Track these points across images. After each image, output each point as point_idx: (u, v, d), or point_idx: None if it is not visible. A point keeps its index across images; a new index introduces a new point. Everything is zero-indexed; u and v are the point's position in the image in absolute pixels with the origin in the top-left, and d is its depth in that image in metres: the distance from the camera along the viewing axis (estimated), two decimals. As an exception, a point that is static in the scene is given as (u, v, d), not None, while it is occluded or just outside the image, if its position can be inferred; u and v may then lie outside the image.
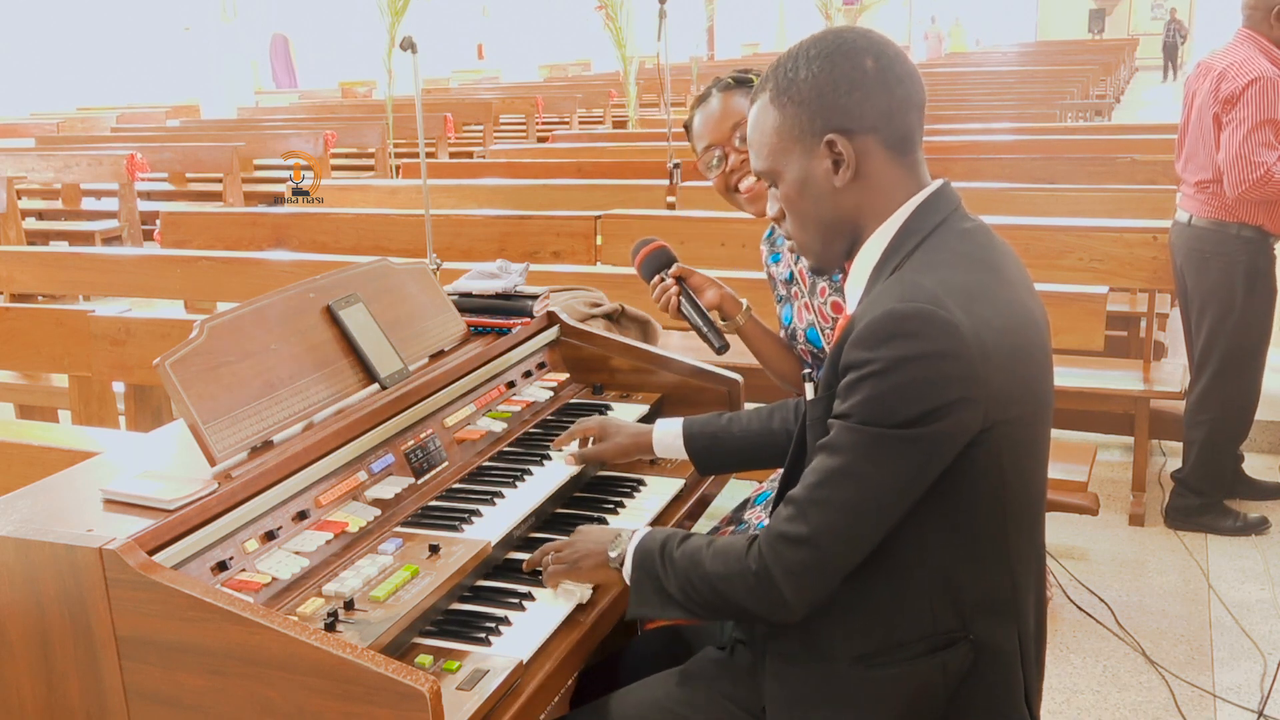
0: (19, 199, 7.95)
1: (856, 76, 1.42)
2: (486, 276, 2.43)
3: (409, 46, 2.93)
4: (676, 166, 5.58)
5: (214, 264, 4.61)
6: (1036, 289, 1.53)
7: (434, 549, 1.66)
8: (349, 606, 1.51)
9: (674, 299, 2.23)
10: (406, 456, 1.88)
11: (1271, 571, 3.47)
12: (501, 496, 1.86)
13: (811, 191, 1.47)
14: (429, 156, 7.73)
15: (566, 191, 5.76)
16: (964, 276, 1.38)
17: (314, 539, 1.62)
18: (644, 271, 2.30)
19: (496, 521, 1.79)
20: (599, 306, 2.88)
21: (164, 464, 1.67)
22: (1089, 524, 3.72)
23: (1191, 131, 3.65)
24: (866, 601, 1.45)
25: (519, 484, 1.92)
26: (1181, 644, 3.10)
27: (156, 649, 1.39)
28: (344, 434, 1.77)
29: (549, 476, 1.97)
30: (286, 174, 3.95)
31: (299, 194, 3.82)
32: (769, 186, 1.53)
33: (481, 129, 11.62)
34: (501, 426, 2.11)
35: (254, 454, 1.66)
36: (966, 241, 1.44)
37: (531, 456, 2.04)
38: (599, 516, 1.92)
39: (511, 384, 2.26)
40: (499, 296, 2.38)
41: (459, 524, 1.76)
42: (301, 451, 1.68)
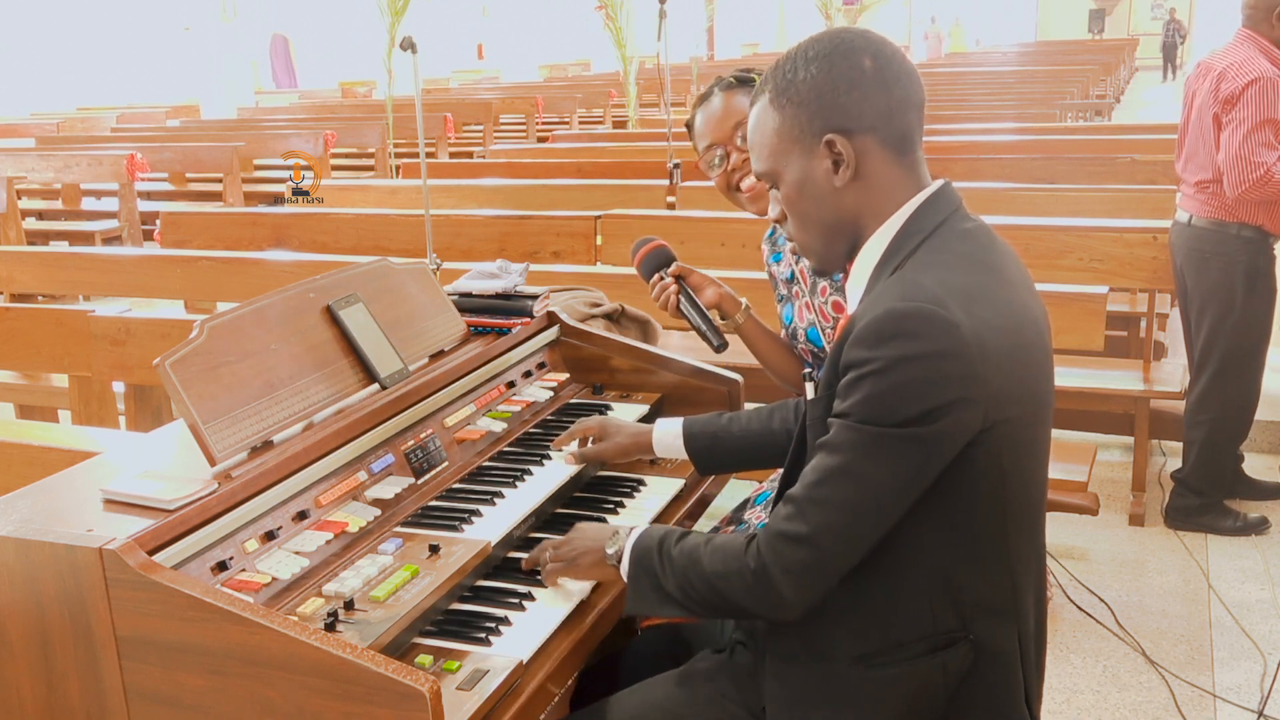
0: (19, 199, 7.95)
1: (855, 76, 1.42)
2: (486, 276, 2.43)
3: (409, 46, 2.93)
4: (676, 166, 5.57)
5: (214, 264, 4.61)
6: (1037, 289, 1.53)
7: (434, 549, 1.66)
8: (349, 606, 1.51)
9: (673, 298, 2.23)
10: (406, 456, 1.88)
11: (1271, 571, 3.47)
12: (501, 496, 1.87)
13: (812, 192, 1.47)
14: (429, 156, 7.73)
15: (566, 191, 5.76)
16: (964, 277, 1.38)
17: (314, 539, 1.62)
18: (643, 271, 2.30)
19: (496, 521, 1.79)
20: (599, 306, 2.88)
21: (164, 464, 1.67)
22: (1089, 524, 3.72)
23: (1191, 131, 3.65)
24: (866, 601, 1.45)
25: (519, 484, 1.92)
26: (1181, 644, 3.10)
27: (156, 649, 1.39)
28: (344, 434, 1.77)
29: (549, 476, 1.97)
30: (286, 174, 3.95)
31: (299, 194, 3.81)
32: (770, 188, 1.53)
33: (481, 129, 11.62)
34: (501, 426, 2.11)
35: (254, 454, 1.66)
36: (967, 242, 1.44)
37: (531, 456, 2.04)
38: (599, 516, 1.92)
39: (511, 384, 2.26)
40: (499, 296, 2.38)
41: (459, 524, 1.76)
42: (301, 451, 1.68)
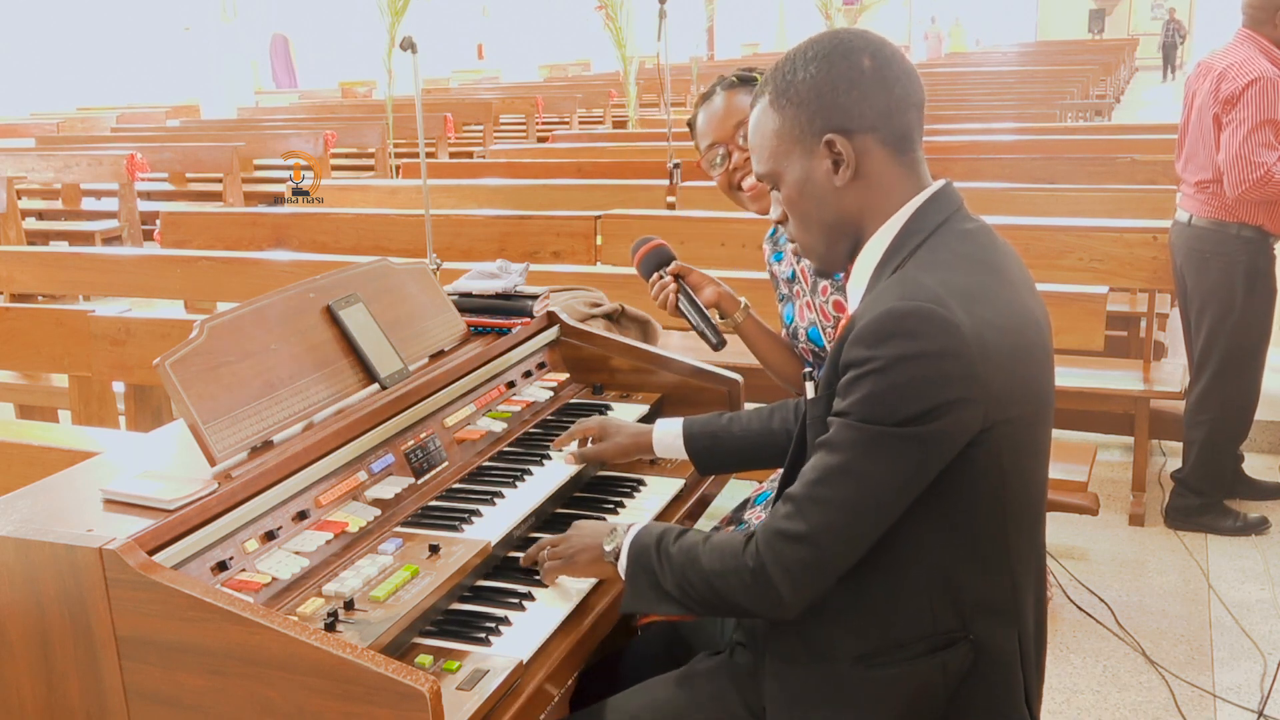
0: (19, 199, 7.95)
1: (854, 76, 1.42)
2: (486, 276, 2.43)
3: (409, 46, 2.92)
4: (676, 166, 5.57)
5: (214, 264, 4.61)
6: (1038, 289, 1.53)
7: (434, 549, 1.66)
8: (349, 606, 1.51)
9: (672, 296, 2.24)
10: (406, 456, 1.88)
11: (1271, 571, 3.47)
12: (501, 496, 1.86)
13: (813, 192, 1.47)
14: (429, 156, 7.73)
15: (566, 191, 5.76)
16: (965, 277, 1.38)
17: (314, 539, 1.62)
18: (643, 270, 2.30)
19: (496, 521, 1.79)
20: (599, 306, 2.88)
21: (164, 464, 1.67)
22: (1089, 524, 3.72)
23: (1191, 132, 3.65)
24: (866, 601, 1.45)
25: (519, 484, 1.92)
26: (1181, 644, 3.10)
27: (156, 649, 1.39)
28: (344, 434, 1.77)
29: (549, 476, 1.97)
30: (286, 174, 3.95)
31: (299, 194, 3.81)
32: (771, 189, 1.53)
33: (481, 129, 11.62)
34: (501, 426, 2.11)
35: (254, 454, 1.66)
36: (968, 242, 1.44)
37: (531, 456, 2.04)
38: (599, 516, 1.92)
39: (511, 384, 2.26)
40: (499, 296, 2.38)
41: (459, 524, 1.76)
42: (301, 451, 1.68)
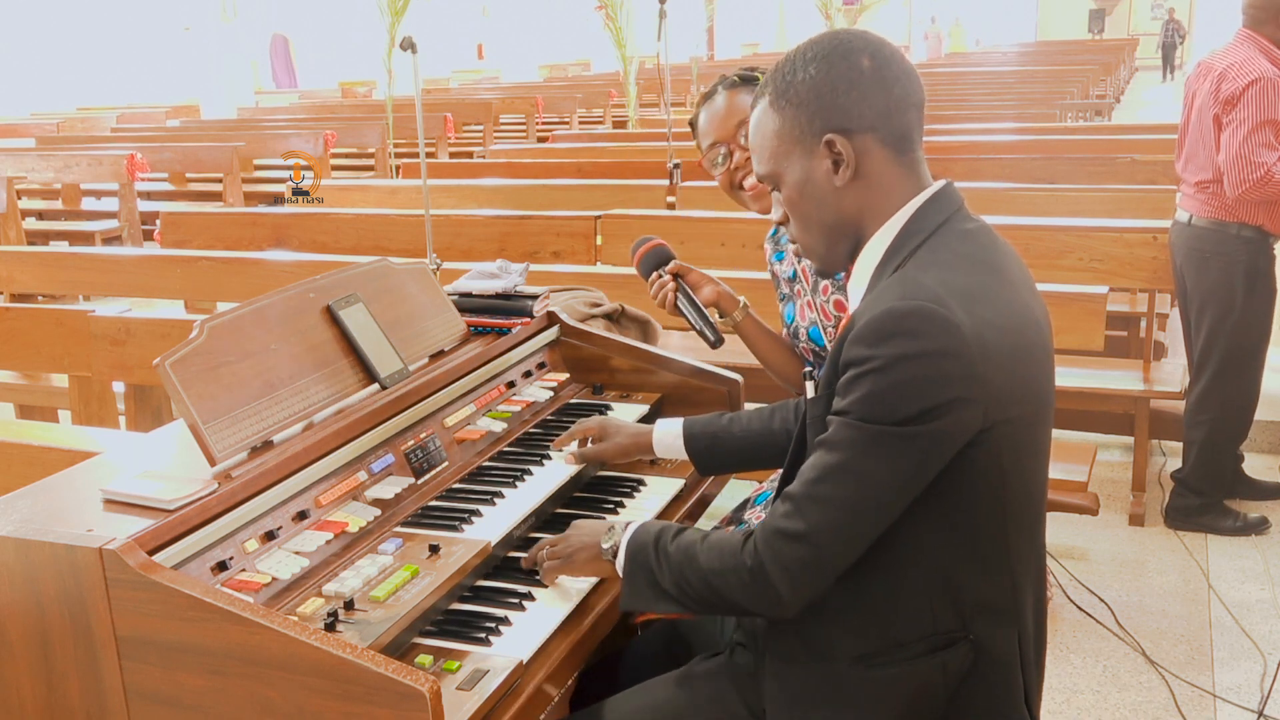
0: (19, 199, 7.95)
1: (853, 76, 1.43)
2: (486, 276, 2.43)
3: (409, 46, 2.92)
4: (676, 166, 5.57)
5: (214, 264, 4.61)
6: (1039, 290, 1.53)
7: (434, 549, 1.66)
8: (349, 606, 1.51)
9: (670, 295, 2.24)
10: (406, 456, 1.88)
11: (1271, 571, 3.47)
12: (501, 496, 1.87)
13: (813, 193, 1.47)
14: (429, 156, 7.73)
15: (566, 191, 5.76)
16: (965, 277, 1.38)
17: (314, 539, 1.62)
18: (642, 269, 2.31)
19: (496, 521, 1.79)
20: (599, 306, 2.88)
21: (164, 464, 1.67)
22: (1089, 524, 3.72)
23: (1192, 132, 3.65)
24: (866, 601, 1.45)
25: (519, 484, 1.92)
26: (1181, 644, 3.10)
27: (156, 649, 1.39)
28: (344, 434, 1.77)
29: (549, 476, 1.97)
30: (286, 174, 3.95)
31: (299, 194, 3.81)
32: (772, 190, 1.54)
33: (481, 129, 11.62)
34: (501, 426, 2.11)
35: (254, 454, 1.66)
36: (968, 242, 1.44)
37: (531, 456, 2.04)
38: (599, 516, 1.92)
39: (511, 384, 2.26)
40: (499, 296, 2.38)
41: (459, 524, 1.76)
42: (301, 451, 1.68)
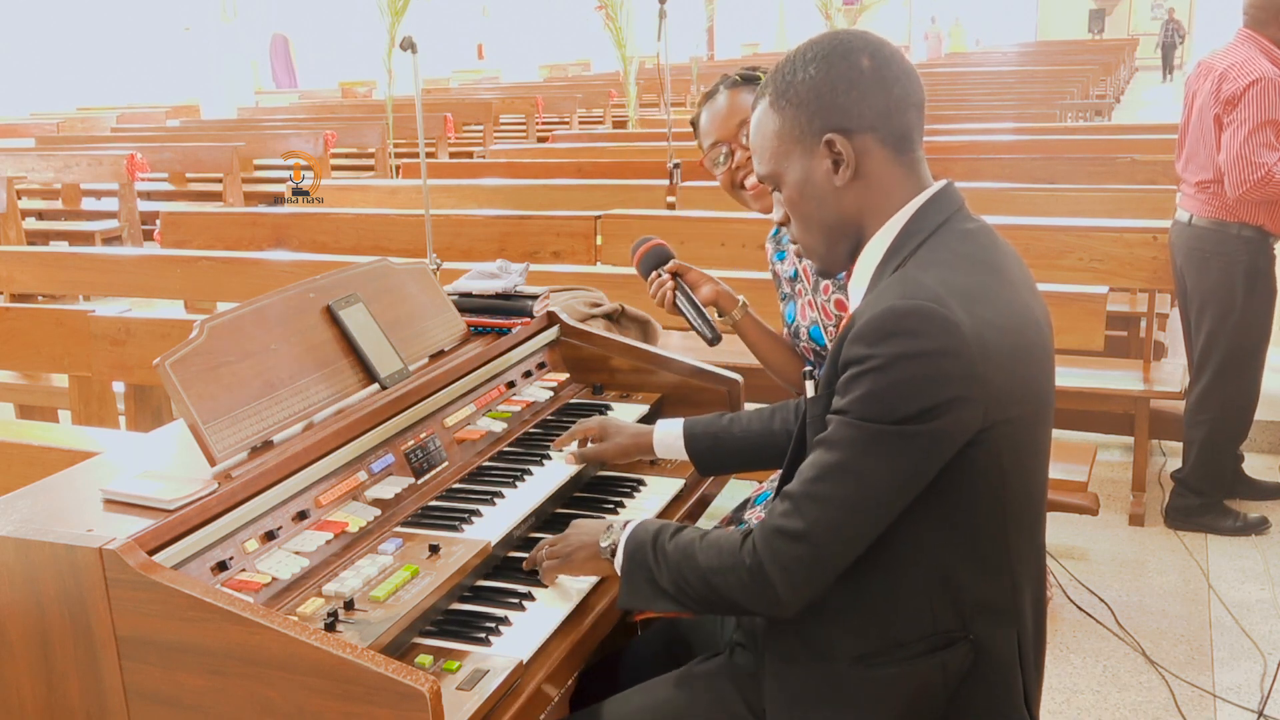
0: (19, 199, 7.95)
1: (853, 76, 1.43)
2: (486, 276, 2.43)
3: (409, 46, 2.93)
4: (676, 166, 5.57)
5: (214, 264, 4.61)
6: (1039, 290, 1.53)
7: (434, 549, 1.66)
8: (349, 606, 1.51)
9: (669, 294, 2.24)
10: (406, 456, 1.88)
11: (1271, 571, 3.47)
12: (501, 496, 1.86)
13: (813, 193, 1.47)
14: (429, 156, 7.73)
15: (566, 191, 5.76)
16: (966, 276, 1.38)
17: (314, 539, 1.62)
18: (641, 269, 2.31)
19: (496, 521, 1.79)
20: (599, 306, 2.88)
21: (164, 464, 1.67)
22: (1089, 524, 3.72)
23: (1192, 132, 3.65)
24: (866, 601, 1.45)
25: (519, 484, 1.92)
26: (1181, 644, 3.10)
27: (156, 649, 1.39)
28: (344, 434, 1.77)
29: (549, 476, 1.97)
30: (286, 174, 3.95)
31: (299, 194, 3.81)
32: (773, 190, 1.54)
33: (481, 129, 11.62)
34: (501, 426, 2.11)
35: (254, 454, 1.66)
36: (968, 242, 1.44)
37: (531, 456, 2.04)
38: (599, 516, 1.92)
39: (511, 384, 2.26)
40: (499, 296, 2.38)
41: (459, 524, 1.76)
42: (301, 451, 1.68)
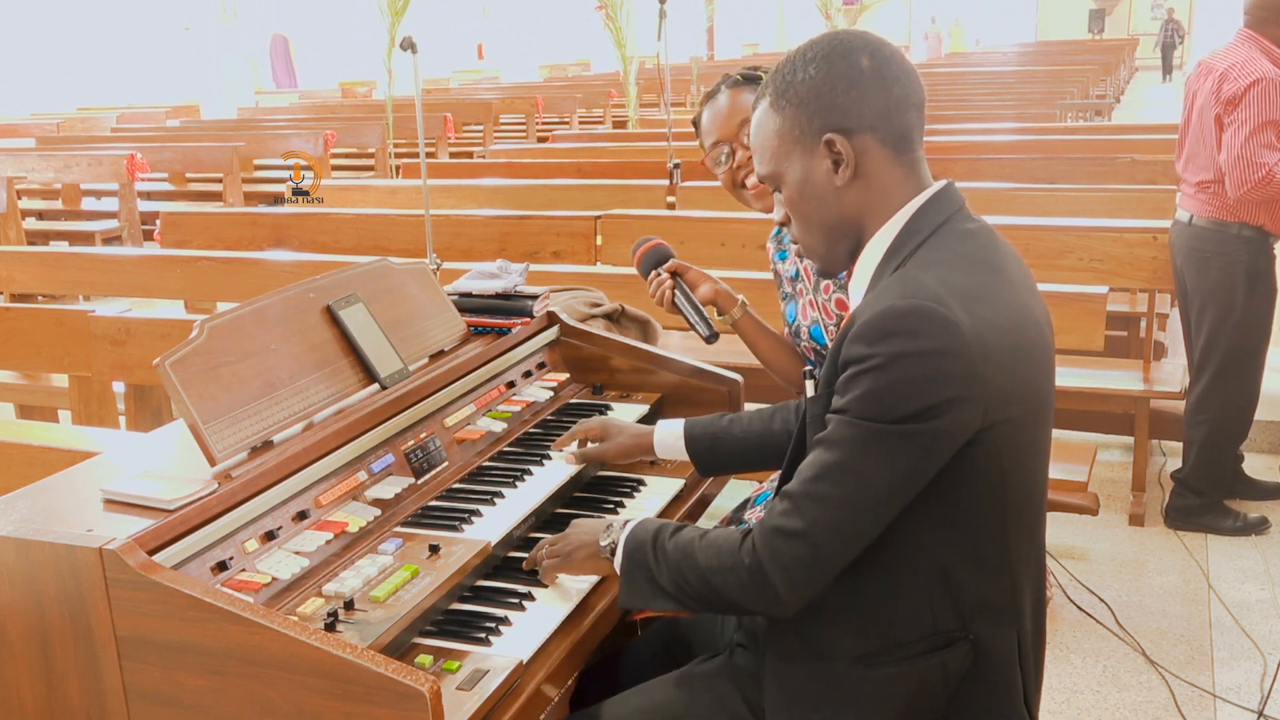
0: (19, 199, 7.95)
1: (853, 76, 1.43)
2: (486, 276, 2.43)
3: (409, 46, 2.93)
4: (676, 166, 5.57)
5: (214, 264, 4.61)
6: (1040, 290, 1.53)
7: (434, 549, 1.66)
8: (349, 606, 1.51)
9: (668, 292, 2.25)
10: (406, 456, 1.88)
11: (1271, 571, 3.47)
12: (501, 496, 1.86)
13: (813, 193, 1.47)
14: (429, 156, 7.73)
15: (566, 191, 5.76)
16: (966, 276, 1.39)
17: (314, 539, 1.62)
18: (642, 268, 2.31)
19: (496, 521, 1.79)
20: (599, 306, 2.88)
21: (164, 464, 1.67)
22: (1089, 524, 3.72)
23: (1192, 132, 3.65)
24: (866, 601, 1.45)
25: (519, 484, 1.92)
26: (1181, 644, 3.10)
27: (156, 649, 1.39)
28: (344, 434, 1.77)
29: (549, 476, 1.97)
30: (286, 174, 3.95)
31: (299, 194, 3.82)
32: (773, 191, 1.54)
33: (481, 129, 11.62)
34: (501, 426, 2.11)
35: (254, 454, 1.66)
36: (968, 242, 1.44)
37: (531, 456, 2.04)
38: (598, 516, 1.92)
39: (511, 384, 2.26)
40: (499, 296, 2.38)
41: (459, 524, 1.76)
42: (301, 451, 1.68)
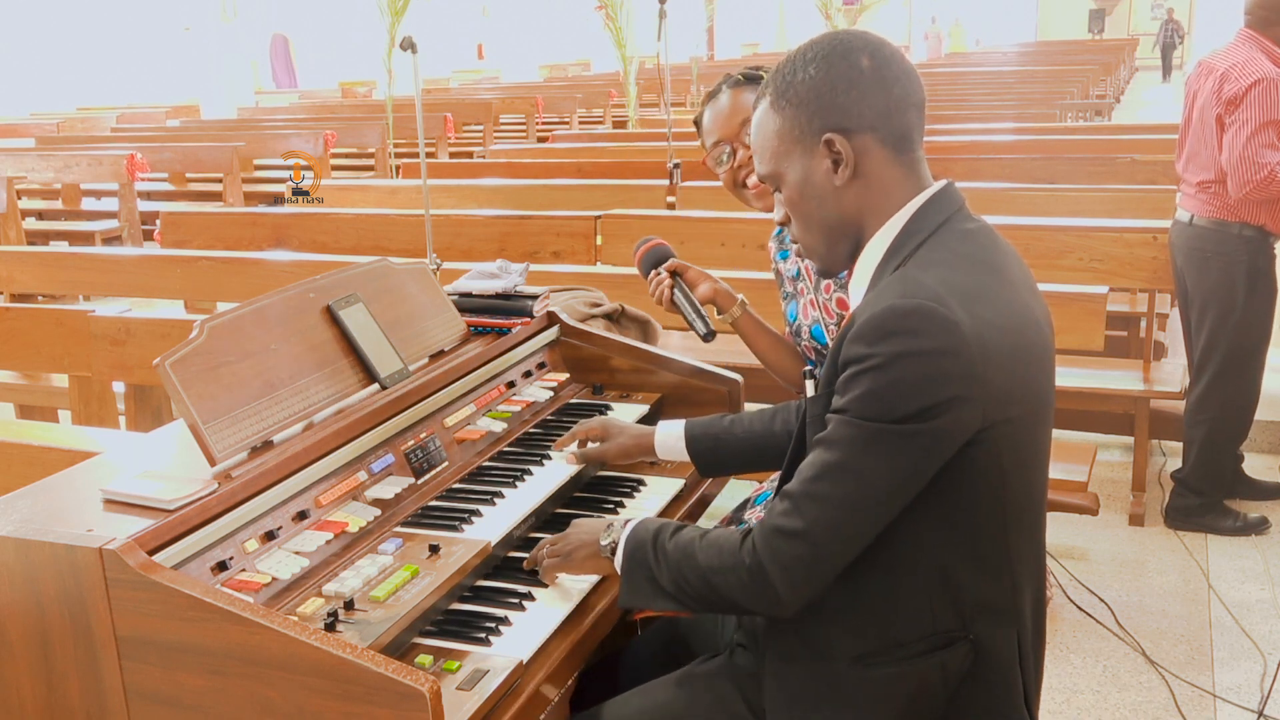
0: (19, 199, 7.95)
1: (853, 76, 1.43)
2: (486, 276, 2.43)
3: (409, 46, 2.93)
4: (676, 166, 5.57)
5: (214, 264, 4.61)
6: (1040, 290, 1.53)
7: (434, 549, 1.66)
8: (349, 606, 1.51)
9: (666, 291, 2.25)
10: (406, 456, 1.88)
11: (1271, 571, 3.47)
12: (501, 496, 1.86)
13: (813, 192, 1.47)
14: (429, 156, 7.73)
15: (566, 191, 5.76)
16: (966, 276, 1.39)
17: (314, 539, 1.62)
18: (642, 267, 2.32)
19: (496, 521, 1.79)
20: (599, 306, 2.88)
21: (164, 464, 1.67)
22: (1089, 524, 3.72)
23: (1193, 132, 3.65)
24: (865, 600, 1.45)
25: (519, 484, 1.92)
26: (1181, 644, 3.10)
27: (156, 649, 1.39)
28: (344, 434, 1.77)
29: (549, 476, 1.97)
30: (286, 174, 3.95)
31: (299, 194, 3.81)
32: (774, 190, 1.54)
33: (481, 129, 11.62)
34: (501, 426, 2.11)
35: (254, 454, 1.66)
36: (968, 242, 1.44)
37: (531, 456, 2.04)
38: (599, 516, 1.92)
39: (511, 384, 2.26)
40: (499, 296, 2.38)
41: (459, 524, 1.76)
42: (301, 451, 1.68)
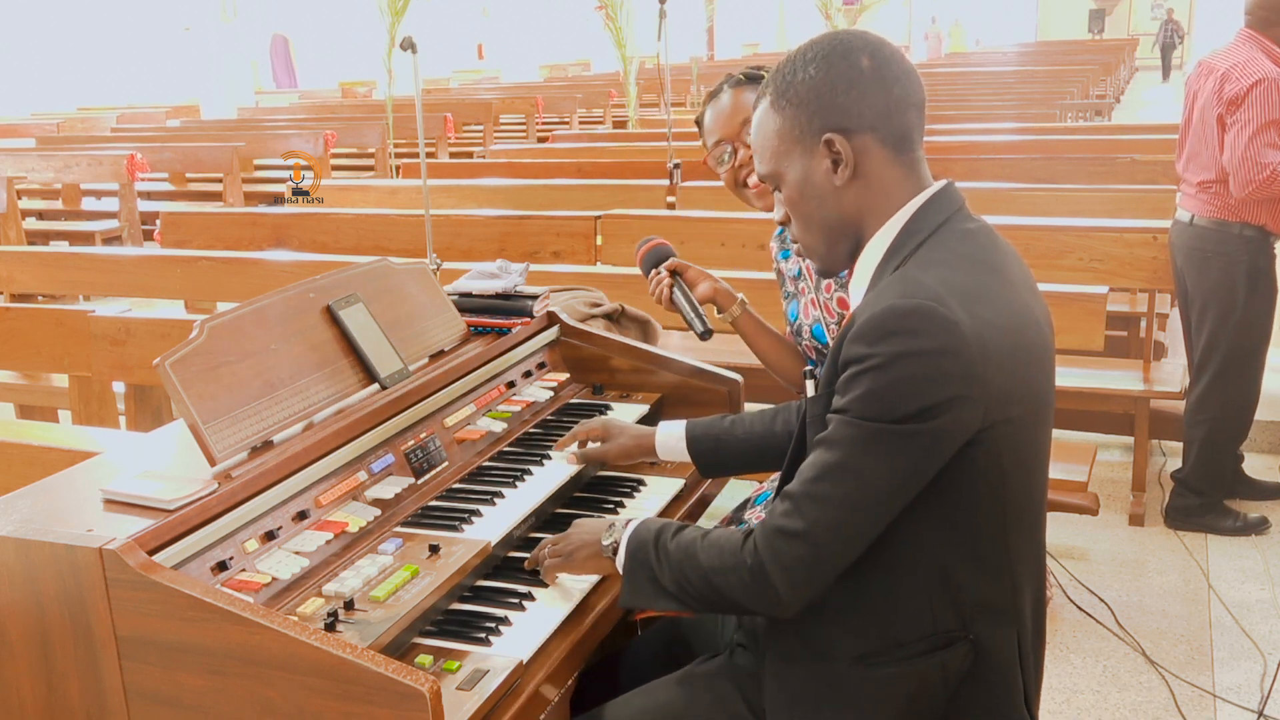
0: (19, 199, 7.95)
1: (853, 76, 1.43)
2: (486, 276, 2.43)
3: (409, 46, 2.93)
4: (676, 166, 5.57)
5: (214, 264, 4.61)
6: (1040, 290, 1.53)
7: (434, 549, 1.66)
8: (349, 606, 1.51)
9: (666, 290, 2.25)
10: (406, 456, 1.88)
11: (1271, 571, 3.47)
12: (501, 496, 1.87)
13: (813, 192, 1.47)
14: (429, 156, 7.73)
15: (566, 191, 5.76)
16: (965, 276, 1.39)
17: (314, 539, 1.62)
18: (643, 267, 2.32)
19: (496, 521, 1.79)
20: (599, 306, 2.88)
21: (164, 464, 1.67)
22: (1089, 524, 3.72)
23: (1193, 132, 3.65)
24: (866, 601, 1.45)
25: (519, 484, 1.92)
26: (1181, 644, 3.10)
27: (156, 649, 1.39)
28: (344, 434, 1.77)
29: (549, 476, 1.97)
30: (286, 174, 3.95)
31: (299, 194, 3.81)
32: (774, 190, 1.54)
33: (481, 129, 11.62)
34: (501, 426, 2.11)
35: (254, 454, 1.66)
36: (968, 242, 1.44)
37: (531, 456, 2.04)
38: (599, 516, 1.92)
39: (511, 384, 2.26)
40: (499, 296, 2.38)
41: (459, 524, 1.76)
42: (301, 451, 1.68)
